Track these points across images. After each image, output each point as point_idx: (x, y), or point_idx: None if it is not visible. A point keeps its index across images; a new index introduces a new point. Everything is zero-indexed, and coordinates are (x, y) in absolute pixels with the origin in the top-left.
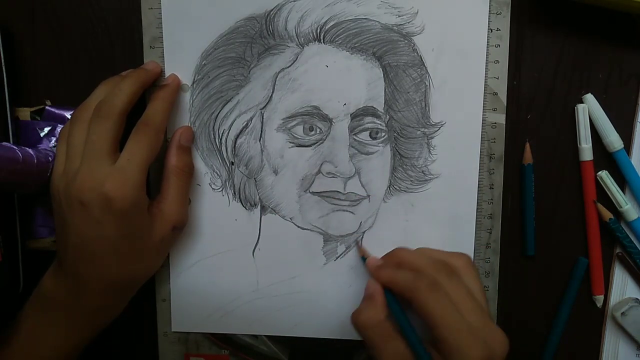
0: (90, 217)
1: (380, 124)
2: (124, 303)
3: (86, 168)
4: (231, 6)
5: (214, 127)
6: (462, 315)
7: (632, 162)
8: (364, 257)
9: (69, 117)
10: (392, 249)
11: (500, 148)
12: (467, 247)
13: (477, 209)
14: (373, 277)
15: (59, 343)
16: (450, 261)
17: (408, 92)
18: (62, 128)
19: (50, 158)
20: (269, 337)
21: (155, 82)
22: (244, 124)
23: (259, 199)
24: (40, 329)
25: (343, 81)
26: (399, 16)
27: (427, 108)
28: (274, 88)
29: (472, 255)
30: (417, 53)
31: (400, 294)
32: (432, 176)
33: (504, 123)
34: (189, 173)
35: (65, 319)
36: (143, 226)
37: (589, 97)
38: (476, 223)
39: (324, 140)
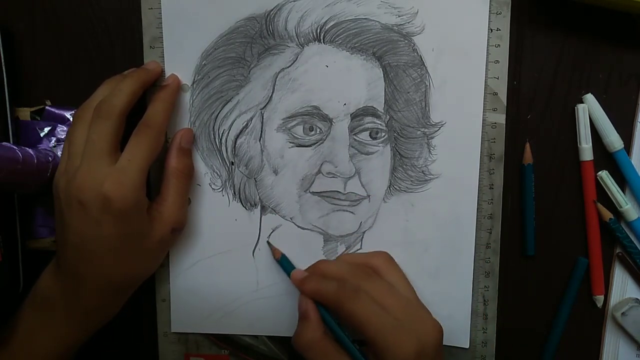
0: (88, 217)
1: (380, 124)
2: (121, 303)
3: (86, 167)
4: (231, 6)
5: (214, 127)
6: (388, 313)
7: (632, 162)
8: (280, 260)
9: (69, 117)
10: (392, 249)
11: (500, 148)
12: (467, 247)
13: (477, 209)
14: (300, 290)
15: (56, 341)
16: (368, 262)
17: (408, 92)
18: (69, 128)
19: (50, 158)
20: (269, 337)
21: (156, 83)
22: (244, 124)
23: (259, 199)
24: (38, 327)
25: (343, 81)
26: (399, 16)
27: (427, 108)
28: (274, 88)
29: (472, 256)
30: (417, 53)
31: (326, 305)
32: (432, 176)
33: (504, 123)
34: (189, 175)
35: (62, 317)
36: (142, 227)
37: (589, 97)
38: (476, 223)
39: (324, 140)
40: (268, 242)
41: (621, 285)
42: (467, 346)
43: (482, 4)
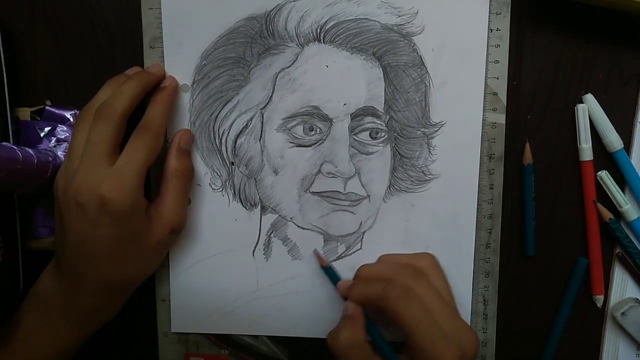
0: (86, 218)
1: (380, 124)
2: (121, 303)
3: (84, 169)
4: (231, 6)
5: (214, 127)
6: (436, 321)
7: (632, 162)
8: (327, 269)
9: (69, 117)
10: (392, 249)
11: (500, 148)
12: (467, 247)
13: (477, 209)
14: (348, 298)
15: (56, 341)
16: (415, 263)
17: (408, 92)
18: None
19: (50, 158)
20: (269, 337)
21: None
22: (244, 124)
23: (259, 199)
24: (37, 326)
25: (343, 81)
26: (399, 16)
27: (427, 108)
28: (274, 88)
29: (472, 256)
30: (417, 53)
31: (374, 306)
32: (432, 176)
33: (504, 123)
34: (189, 176)
35: (62, 317)
36: (140, 228)
37: (589, 97)
38: (476, 223)
39: (324, 140)
40: (315, 251)
41: (621, 285)
42: None
43: (482, 4)
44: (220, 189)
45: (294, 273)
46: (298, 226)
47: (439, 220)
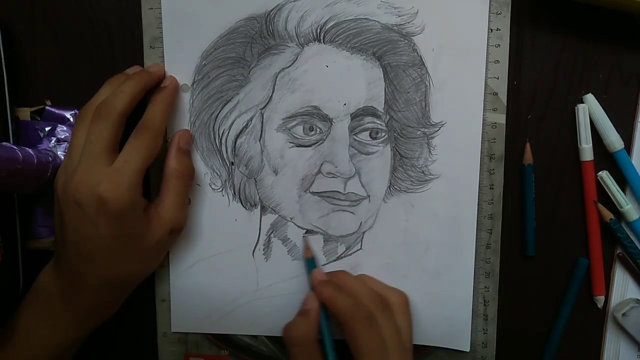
0: (85, 217)
1: (380, 124)
2: (120, 301)
3: (83, 168)
4: (231, 6)
5: (214, 127)
6: (387, 353)
7: (633, 162)
8: (308, 259)
9: (69, 117)
10: (392, 249)
11: (500, 148)
12: (468, 247)
13: (477, 210)
14: (314, 289)
15: (56, 338)
16: (388, 296)
17: (408, 92)
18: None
19: (50, 158)
20: (269, 338)
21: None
22: (244, 124)
23: (259, 199)
24: (37, 323)
25: (343, 81)
26: (399, 16)
27: (427, 108)
28: (274, 88)
29: (473, 256)
30: (417, 53)
31: (335, 315)
32: (432, 176)
33: (504, 123)
34: (189, 176)
35: (61, 314)
36: (139, 228)
37: (589, 97)
38: (476, 223)
39: (324, 140)
40: (304, 237)
41: (622, 286)
42: (468, 348)
43: (482, 4)
44: (220, 189)
45: (293, 273)
46: (298, 226)
47: (439, 220)
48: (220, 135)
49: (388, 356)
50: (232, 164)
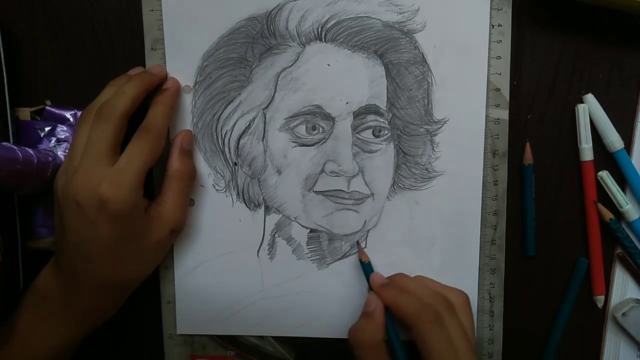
0: (85, 218)
1: (383, 122)
2: (120, 302)
3: (84, 168)
4: (232, 7)
5: (216, 128)
6: (457, 353)
7: (633, 162)
8: (363, 262)
9: (69, 117)
10: (397, 247)
11: (504, 144)
12: (473, 244)
13: (481, 206)
14: (377, 294)
15: (55, 337)
16: (449, 296)
17: (410, 90)
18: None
19: (50, 158)
20: (275, 338)
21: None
22: (246, 125)
23: (263, 199)
24: (36, 323)
25: (345, 80)
26: (400, 13)
27: (429, 105)
28: (276, 88)
29: (477, 253)
30: (419, 50)
31: (401, 319)
32: (436, 173)
33: (507, 119)
34: (192, 177)
35: (60, 314)
36: (139, 228)
37: (590, 97)
38: (481, 220)
39: (327, 139)
40: (357, 242)
41: (622, 286)
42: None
43: (483, 0)
44: (224, 190)
45: (298, 273)
46: (302, 226)
47: (444, 217)
48: (223, 136)
49: (458, 357)
50: (235, 164)
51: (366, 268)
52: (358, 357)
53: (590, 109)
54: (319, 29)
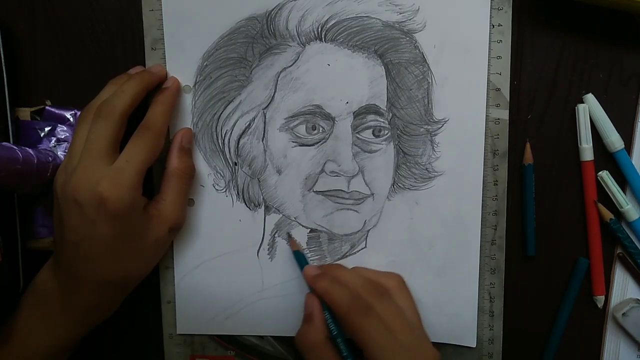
0: (84, 217)
1: (383, 122)
2: (119, 301)
3: (83, 167)
4: (232, 6)
5: (216, 127)
6: (394, 336)
7: (633, 162)
8: (296, 252)
9: (69, 117)
10: (397, 247)
11: (504, 144)
12: (473, 244)
13: (482, 206)
14: (311, 285)
15: (54, 337)
16: (382, 281)
17: (410, 90)
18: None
19: (50, 158)
20: (275, 338)
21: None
22: (246, 124)
23: (263, 199)
24: (36, 322)
25: (345, 79)
26: (400, 13)
27: (430, 105)
28: (276, 88)
29: (478, 253)
30: (419, 50)
31: (335, 312)
32: (436, 173)
33: (507, 119)
34: (191, 175)
35: (59, 313)
36: (138, 227)
37: (590, 97)
38: (481, 220)
39: (327, 139)
40: (289, 234)
41: (622, 286)
42: (474, 345)
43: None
44: (224, 190)
45: (298, 273)
46: (302, 225)
47: (444, 217)
48: (223, 135)
49: (396, 338)
50: (235, 164)
51: (300, 259)
52: None
53: (590, 109)
54: (319, 29)
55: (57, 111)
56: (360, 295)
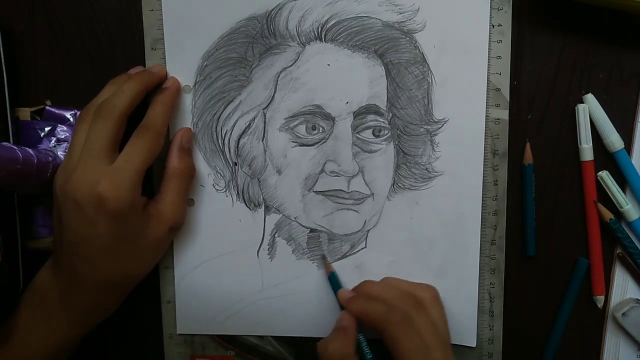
0: (84, 216)
1: (383, 122)
2: (119, 300)
3: (82, 166)
4: (232, 6)
5: (216, 127)
6: (429, 351)
7: (633, 162)
8: (332, 275)
9: (69, 117)
10: (397, 247)
11: (504, 144)
12: (473, 244)
13: (482, 206)
14: (345, 308)
15: (54, 336)
16: (417, 293)
17: (410, 90)
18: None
19: (50, 158)
20: (275, 338)
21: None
22: (246, 124)
23: (263, 199)
24: (35, 322)
25: (345, 79)
26: (400, 13)
27: (429, 105)
28: (276, 88)
29: (478, 253)
30: (419, 50)
31: (372, 325)
32: (436, 173)
33: (507, 119)
34: (190, 175)
35: (59, 313)
36: (138, 227)
37: (590, 97)
38: (481, 220)
39: (327, 139)
40: (323, 256)
41: (622, 286)
42: (474, 344)
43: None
44: (224, 190)
45: (298, 273)
46: (302, 225)
47: (444, 217)
48: (223, 135)
49: (430, 354)
50: (235, 164)
51: (334, 282)
52: None
53: (590, 109)
54: (319, 29)
55: (57, 111)
56: (396, 306)
